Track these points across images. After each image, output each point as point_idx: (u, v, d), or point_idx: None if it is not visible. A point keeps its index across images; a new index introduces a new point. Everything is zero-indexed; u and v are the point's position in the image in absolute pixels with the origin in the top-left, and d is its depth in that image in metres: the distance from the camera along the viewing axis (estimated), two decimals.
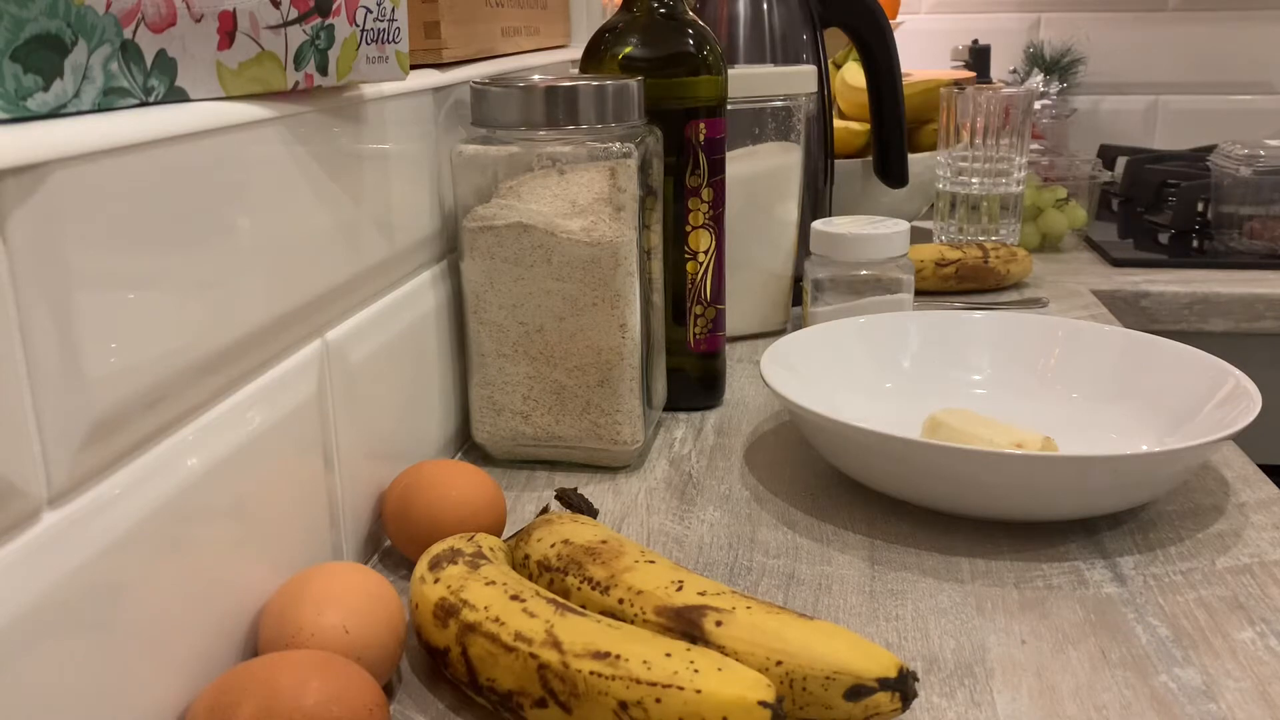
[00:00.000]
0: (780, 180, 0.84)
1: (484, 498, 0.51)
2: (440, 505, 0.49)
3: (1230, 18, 1.65)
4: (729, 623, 0.40)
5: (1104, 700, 0.41)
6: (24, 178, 0.30)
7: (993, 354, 0.71)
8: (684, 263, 0.69)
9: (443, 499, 0.50)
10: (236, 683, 0.35)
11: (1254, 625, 0.46)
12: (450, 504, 0.50)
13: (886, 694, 0.38)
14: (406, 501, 0.50)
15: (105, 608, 0.34)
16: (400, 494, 0.51)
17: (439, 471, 0.51)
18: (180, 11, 0.36)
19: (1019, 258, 1.00)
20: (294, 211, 0.45)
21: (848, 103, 1.15)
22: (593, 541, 0.45)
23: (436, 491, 0.50)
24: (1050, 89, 1.64)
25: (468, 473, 0.51)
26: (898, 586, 0.50)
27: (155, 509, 0.36)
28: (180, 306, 0.37)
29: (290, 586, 0.42)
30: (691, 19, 0.68)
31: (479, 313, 0.61)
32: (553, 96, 0.58)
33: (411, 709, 0.42)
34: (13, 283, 0.30)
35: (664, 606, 0.41)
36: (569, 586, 0.44)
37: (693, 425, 0.70)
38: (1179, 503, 0.57)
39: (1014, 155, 1.04)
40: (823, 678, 0.38)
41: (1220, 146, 1.18)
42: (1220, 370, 0.61)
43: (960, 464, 0.51)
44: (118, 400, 0.34)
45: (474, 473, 0.51)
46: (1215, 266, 1.11)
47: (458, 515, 0.49)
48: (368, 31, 0.47)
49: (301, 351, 0.46)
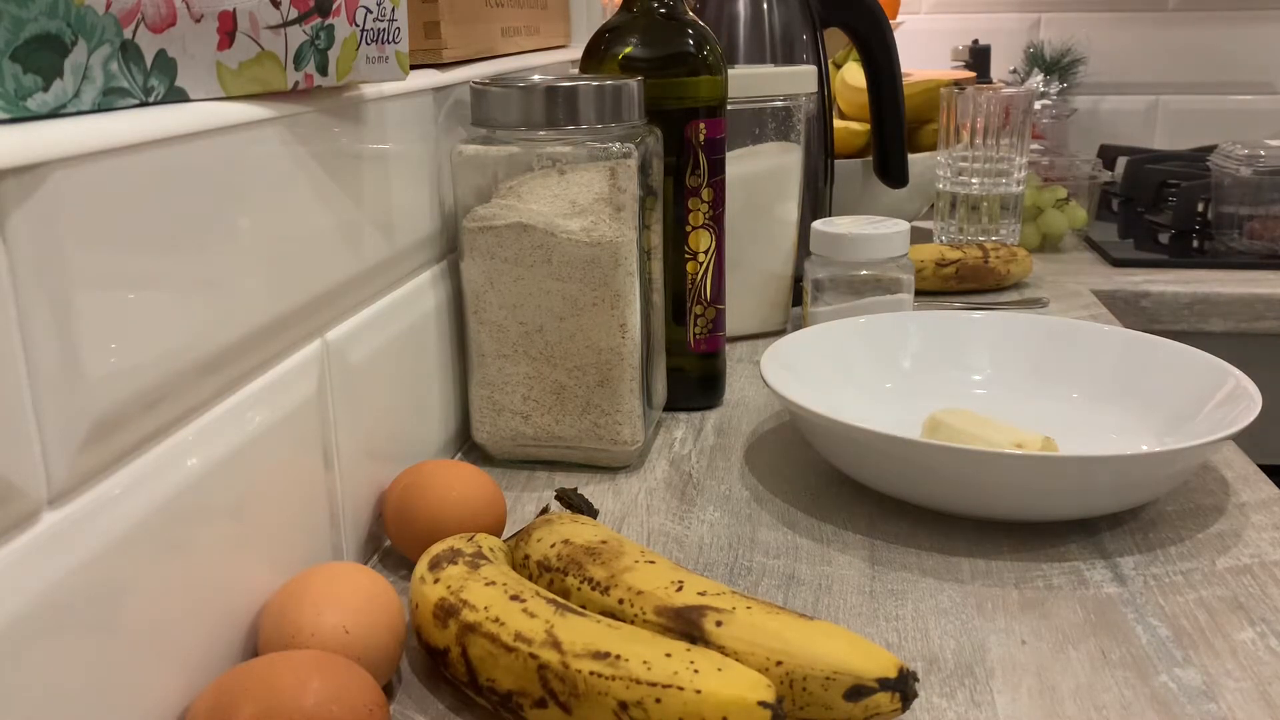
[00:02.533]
0: (780, 180, 0.84)
1: (483, 498, 0.51)
2: (440, 505, 0.49)
3: (1230, 18, 1.65)
4: (729, 623, 0.40)
5: (1104, 700, 0.41)
6: (24, 178, 0.30)
7: (993, 354, 0.71)
8: (684, 263, 0.69)
9: (442, 499, 0.50)
10: (236, 683, 0.35)
11: (1254, 625, 0.46)
12: (450, 504, 0.50)
13: (887, 694, 0.38)
14: (406, 502, 0.50)
15: (105, 608, 0.34)
16: (400, 494, 0.51)
17: (439, 471, 0.51)
18: (180, 11, 0.36)
19: (1019, 258, 1.00)
20: (294, 211, 0.45)
21: (848, 103, 1.15)
22: (593, 542, 0.45)
23: (436, 492, 0.50)
24: (1050, 89, 1.64)
25: (467, 473, 0.51)
26: (898, 586, 0.50)
27: (155, 509, 0.36)
28: (180, 306, 0.37)
29: (290, 586, 0.42)
30: (691, 19, 0.68)
31: (479, 313, 0.61)
32: (553, 96, 0.58)
33: (411, 709, 0.42)
34: (13, 283, 0.30)
35: (664, 607, 0.41)
36: (569, 587, 0.44)
37: (693, 425, 0.70)
38: (1179, 503, 0.57)
39: (1014, 155, 1.04)
40: (823, 678, 0.38)
41: (1220, 146, 1.18)
42: (1220, 370, 0.61)
43: (960, 464, 0.51)
44: (118, 400, 0.34)
45: (474, 473, 0.51)
46: (1215, 266, 1.11)
47: (457, 515, 0.49)
48: (368, 31, 0.47)
49: (301, 351, 0.46)
